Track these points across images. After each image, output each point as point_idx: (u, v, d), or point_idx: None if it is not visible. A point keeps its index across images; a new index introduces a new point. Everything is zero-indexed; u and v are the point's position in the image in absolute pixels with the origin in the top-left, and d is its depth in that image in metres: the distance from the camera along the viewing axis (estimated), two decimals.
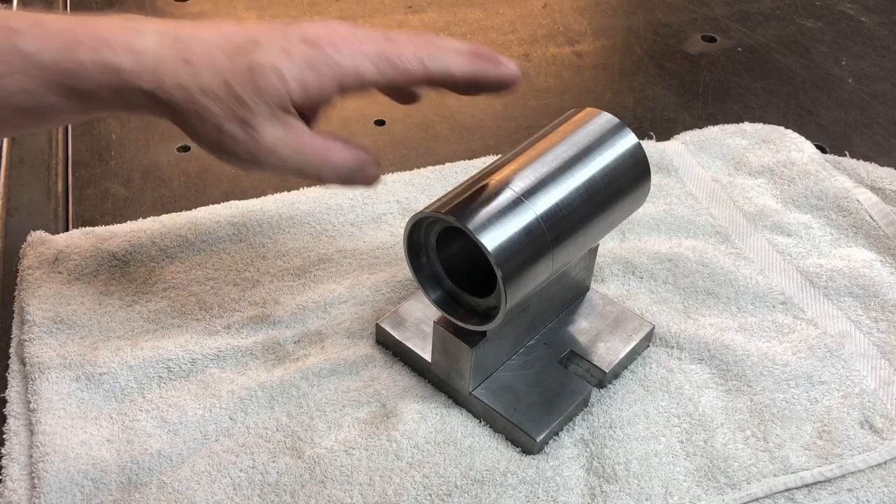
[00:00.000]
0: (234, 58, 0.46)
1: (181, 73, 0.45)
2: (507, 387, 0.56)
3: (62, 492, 0.50)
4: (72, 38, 0.45)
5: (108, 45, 0.45)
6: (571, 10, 1.00)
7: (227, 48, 0.46)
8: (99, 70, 0.45)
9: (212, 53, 0.46)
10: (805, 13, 1.01)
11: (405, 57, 0.47)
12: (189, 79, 0.45)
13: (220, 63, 0.46)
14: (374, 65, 0.47)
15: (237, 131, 0.46)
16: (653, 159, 0.72)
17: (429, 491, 0.51)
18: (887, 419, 0.57)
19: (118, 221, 0.67)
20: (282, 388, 0.56)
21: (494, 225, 0.47)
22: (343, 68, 0.47)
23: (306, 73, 0.46)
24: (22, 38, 0.44)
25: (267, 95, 0.46)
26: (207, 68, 0.45)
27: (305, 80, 0.46)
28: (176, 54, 0.46)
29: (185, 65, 0.45)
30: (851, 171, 0.75)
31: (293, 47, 0.46)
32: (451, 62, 0.48)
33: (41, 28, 0.45)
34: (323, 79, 0.46)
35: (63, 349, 0.57)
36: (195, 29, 0.47)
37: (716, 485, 0.53)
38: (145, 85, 0.45)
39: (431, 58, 0.48)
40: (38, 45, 0.44)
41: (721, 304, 0.64)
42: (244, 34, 0.47)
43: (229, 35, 0.47)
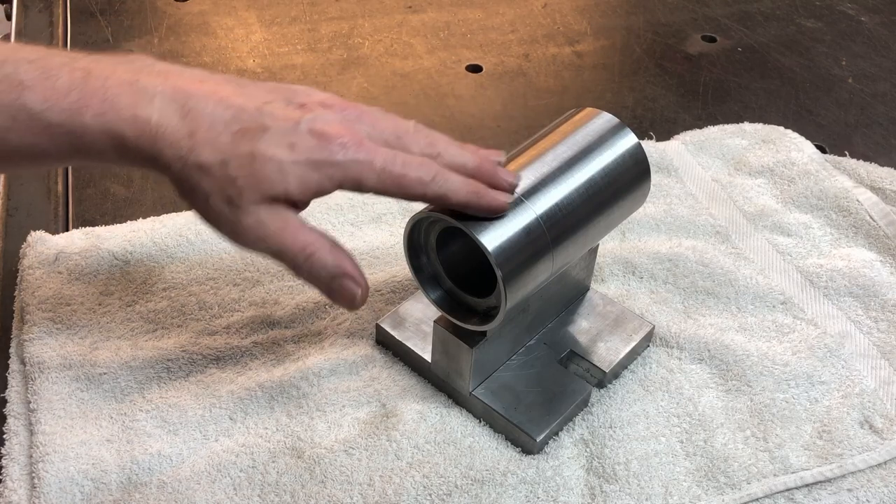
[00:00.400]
0: (238, 141, 0.46)
1: (182, 145, 0.45)
2: (507, 387, 0.56)
3: (62, 492, 0.50)
4: (78, 100, 0.45)
5: (114, 109, 0.45)
6: (571, 10, 1.00)
7: (234, 129, 0.46)
8: (104, 136, 0.45)
9: (217, 131, 0.46)
10: (805, 13, 1.01)
11: (409, 175, 0.47)
12: (187, 153, 0.45)
13: (223, 143, 0.46)
14: (378, 178, 0.47)
15: (222, 208, 0.46)
16: (653, 159, 0.72)
17: (429, 491, 0.51)
18: (887, 419, 0.57)
19: (118, 221, 0.67)
20: (282, 388, 0.56)
21: (494, 225, 0.47)
22: (346, 174, 0.46)
23: (307, 172, 0.46)
24: (29, 95, 0.45)
25: (262, 183, 0.45)
26: (209, 146, 0.45)
27: (305, 179, 0.46)
28: (180, 126, 0.46)
29: (187, 138, 0.45)
30: (851, 171, 0.75)
31: (300, 140, 0.46)
32: (450, 189, 0.47)
33: (49, 83, 0.45)
34: (323, 180, 0.46)
35: (63, 349, 0.57)
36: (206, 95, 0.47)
37: (716, 485, 0.53)
38: (146, 153, 0.46)
39: (433, 180, 0.47)
40: (44, 104, 0.45)
41: (721, 304, 0.64)
42: (254, 113, 0.47)
43: (238, 111, 0.47)
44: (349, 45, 0.92)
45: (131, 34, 0.91)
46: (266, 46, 0.90)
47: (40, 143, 0.46)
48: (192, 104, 0.46)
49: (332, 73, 0.87)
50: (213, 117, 0.46)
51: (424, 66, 0.89)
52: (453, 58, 0.91)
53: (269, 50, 0.90)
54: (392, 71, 0.88)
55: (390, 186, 0.47)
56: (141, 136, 0.45)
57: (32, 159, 0.48)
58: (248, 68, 0.87)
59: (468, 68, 0.89)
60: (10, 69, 0.45)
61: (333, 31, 0.94)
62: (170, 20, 0.93)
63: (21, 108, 0.45)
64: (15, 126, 0.45)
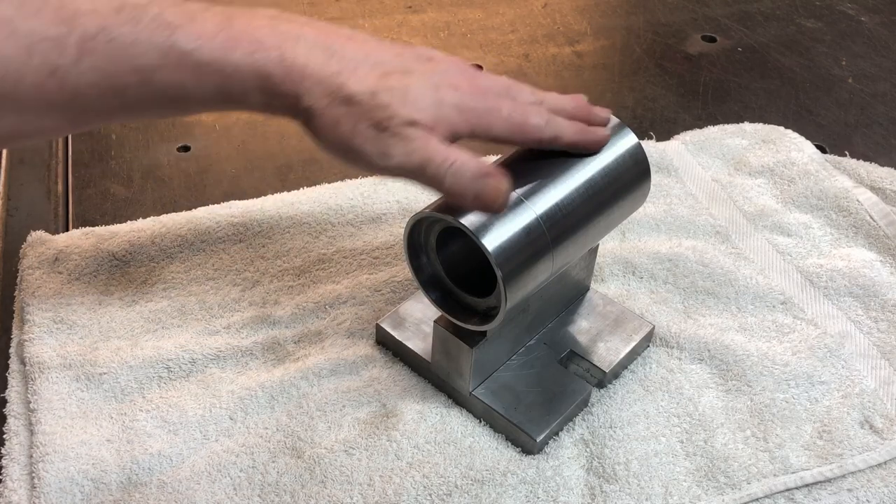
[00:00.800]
0: (385, 78, 0.48)
1: (331, 81, 0.47)
2: (507, 387, 0.56)
3: (62, 492, 0.50)
4: (228, 38, 0.46)
5: (262, 49, 0.46)
6: (571, 10, 1.00)
7: (380, 71, 0.48)
8: (252, 73, 0.46)
9: (364, 71, 0.47)
10: (805, 13, 1.01)
11: (531, 120, 0.50)
12: (337, 88, 0.47)
13: (371, 79, 0.47)
14: (506, 124, 0.50)
15: (370, 132, 0.47)
16: (653, 159, 0.72)
17: (429, 491, 0.51)
18: (887, 419, 0.57)
19: (118, 221, 0.67)
20: (282, 388, 0.56)
21: (494, 225, 0.47)
22: (480, 119, 0.49)
23: (450, 111, 0.48)
24: (180, 34, 0.45)
25: (412, 109, 0.47)
26: (358, 81, 0.47)
27: (447, 116, 0.48)
28: (327, 64, 0.47)
29: (335, 75, 0.47)
30: (851, 171, 0.75)
31: (443, 87, 0.48)
32: (561, 131, 0.51)
33: (197, 24, 0.46)
34: (461, 122, 0.48)
35: (63, 349, 0.57)
36: (345, 44, 0.49)
37: (716, 485, 0.53)
38: (291, 90, 0.47)
39: (549, 127, 0.51)
40: (195, 43, 0.46)
41: (721, 304, 0.64)
42: (395, 59, 0.49)
43: (382, 59, 0.49)
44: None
45: None
46: None
47: (187, 83, 0.46)
48: (335, 47, 0.48)
49: None
50: (356, 60, 0.48)
51: None
52: None
53: None
54: None
55: (515, 133, 0.50)
56: (289, 74, 0.46)
57: (177, 101, 0.48)
58: None
59: None
60: (157, 10, 0.46)
61: None
62: None
63: (172, 46, 0.45)
64: (165, 64, 0.45)
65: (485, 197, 0.48)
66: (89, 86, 0.45)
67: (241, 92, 0.47)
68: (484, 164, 0.48)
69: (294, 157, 0.76)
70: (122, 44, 0.45)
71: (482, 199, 0.48)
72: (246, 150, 0.77)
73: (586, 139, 0.52)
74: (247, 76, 0.46)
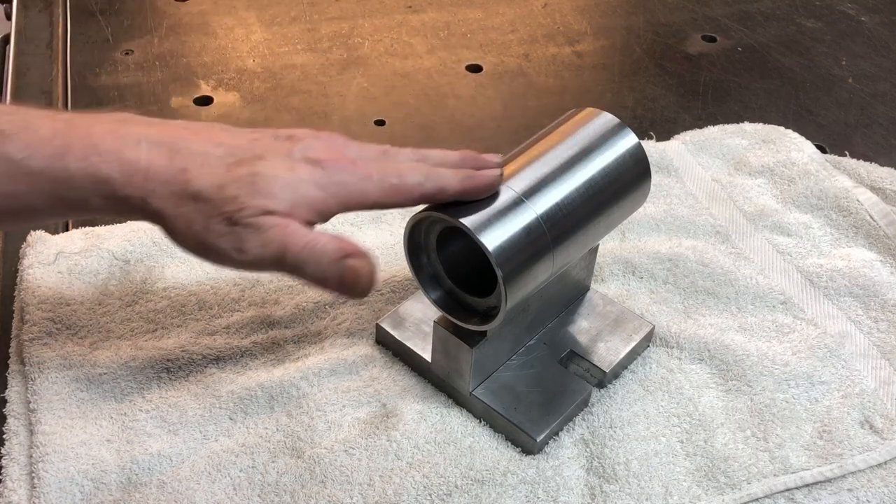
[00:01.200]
0: (235, 169, 0.46)
1: (174, 182, 0.45)
2: (507, 387, 0.56)
3: (62, 492, 0.50)
4: (62, 146, 0.45)
5: (98, 153, 0.45)
6: (571, 10, 1.00)
7: (229, 161, 0.46)
8: (88, 180, 0.45)
9: (211, 165, 0.46)
10: (805, 13, 1.01)
11: (406, 180, 0.48)
12: (182, 188, 0.45)
13: (219, 173, 0.45)
14: (379, 188, 0.47)
15: (221, 228, 0.45)
16: (653, 159, 0.72)
17: (429, 491, 0.51)
18: (887, 419, 0.57)
19: (118, 221, 0.67)
20: (282, 388, 0.56)
21: (494, 225, 0.47)
22: (349, 190, 0.47)
23: (312, 190, 0.46)
24: (10, 143, 0.44)
25: (265, 198, 0.45)
26: (205, 177, 0.45)
27: (306, 198, 0.46)
28: (171, 164, 0.45)
29: (180, 174, 0.45)
30: (851, 171, 0.75)
31: (298, 166, 0.46)
32: (444, 182, 0.48)
33: (31, 132, 0.45)
34: (326, 199, 0.46)
35: (63, 349, 0.57)
36: (191, 138, 0.47)
37: (716, 485, 0.53)
38: (134, 194, 0.45)
39: (430, 181, 0.48)
40: (26, 151, 0.44)
41: (721, 304, 0.64)
42: (246, 146, 0.47)
43: (231, 149, 0.47)
44: (349, 45, 0.92)
45: (131, 34, 0.91)
46: (266, 46, 0.90)
47: (20, 192, 0.45)
48: (180, 145, 0.46)
49: (332, 73, 0.87)
50: (204, 154, 0.46)
51: (424, 66, 0.89)
52: (453, 58, 0.91)
53: (269, 50, 0.90)
54: (392, 71, 0.88)
55: (391, 195, 0.48)
56: (130, 177, 0.45)
57: (15, 213, 0.46)
58: (248, 68, 0.87)
59: (468, 68, 0.89)
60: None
61: (333, 31, 0.94)
62: (170, 20, 0.93)
63: (2, 156, 0.44)
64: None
65: (346, 280, 0.47)
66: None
67: (80, 198, 0.45)
68: (346, 244, 0.47)
69: None
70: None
71: (345, 282, 0.47)
72: None
73: (475, 184, 0.49)
74: (83, 182, 0.45)
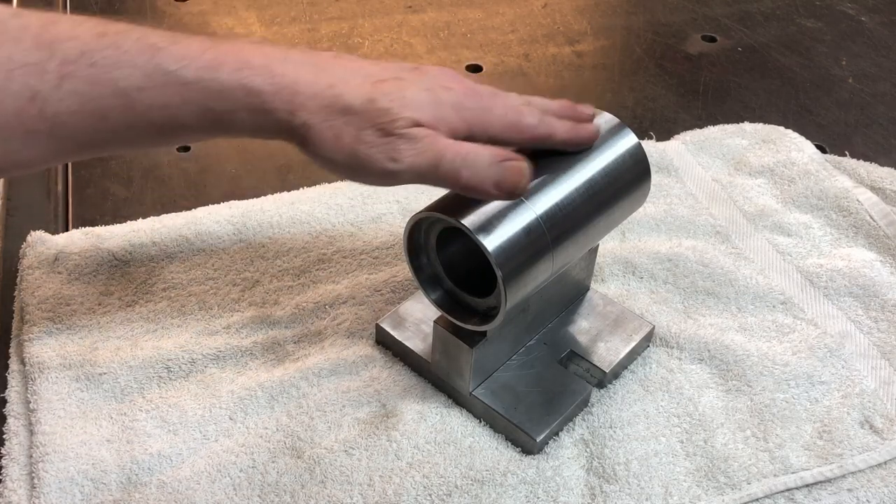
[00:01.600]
0: (380, 85, 0.47)
1: (324, 97, 0.46)
2: (507, 387, 0.56)
3: (62, 492, 0.50)
4: (214, 58, 0.45)
5: (249, 66, 0.45)
6: (571, 10, 1.00)
7: (371, 78, 0.47)
8: (240, 91, 0.45)
9: (356, 83, 0.47)
10: (805, 13, 1.01)
11: (524, 119, 0.50)
12: (330, 101, 0.46)
13: (365, 88, 0.47)
14: (500, 122, 0.49)
15: (373, 138, 0.46)
16: (653, 159, 0.72)
17: (429, 491, 0.51)
18: (887, 419, 0.57)
19: (118, 221, 0.67)
20: (282, 388, 0.56)
21: (494, 225, 0.47)
22: (477, 117, 0.48)
23: (448, 111, 0.47)
24: (164, 55, 0.45)
25: (412, 110, 0.46)
26: (352, 92, 0.46)
27: (446, 117, 0.47)
28: (318, 78, 0.46)
29: (327, 88, 0.46)
30: (851, 171, 0.75)
31: (436, 89, 0.48)
32: (553, 129, 0.51)
33: (182, 45, 0.45)
34: (459, 122, 0.48)
35: (63, 349, 0.57)
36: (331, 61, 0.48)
37: (716, 485, 0.53)
38: (282, 107, 0.46)
39: (542, 125, 0.50)
40: (180, 63, 0.45)
41: (721, 304, 0.64)
42: (387, 73, 0.48)
43: (371, 72, 0.48)
44: (349, 45, 0.92)
45: None
46: None
47: (172, 105, 0.45)
48: (323, 65, 0.47)
49: None
50: (346, 74, 0.47)
51: None
52: (453, 58, 0.91)
53: None
54: None
55: (508, 131, 0.49)
56: (279, 90, 0.45)
57: (160, 128, 0.47)
58: None
59: (468, 68, 0.89)
60: (140, 33, 0.45)
61: (333, 31, 0.94)
62: (170, 20, 0.93)
63: (156, 67, 0.44)
64: (149, 85, 0.44)
65: (506, 182, 0.47)
66: (71, 112, 0.44)
67: (228, 111, 0.46)
68: (499, 150, 0.47)
69: (294, 157, 0.76)
70: (104, 66, 0.44)
71: (504, 185, 0.47)
72: (246, 151, 0.77)
73: (579, 136, 0.52)
74: (234, 94, 0.45)
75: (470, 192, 0.47)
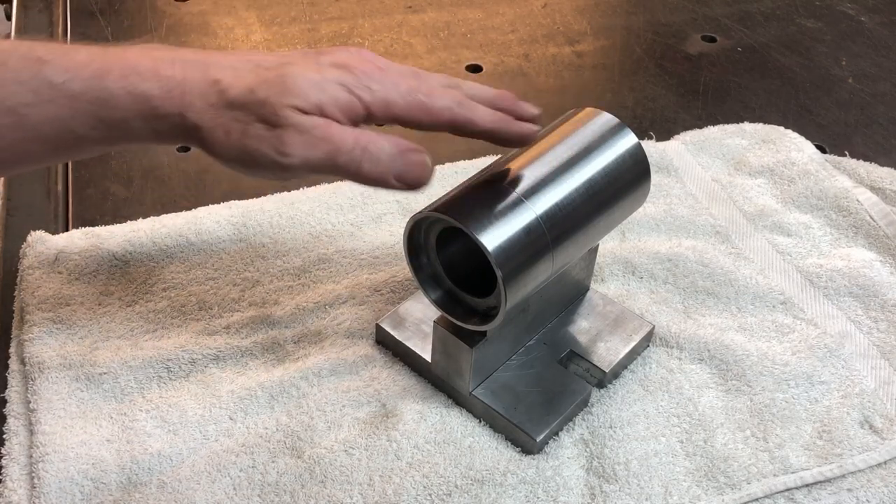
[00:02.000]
0: (263, 73, 0.46)
1: (209, 94, 0.45)
2: (507, 387, 0.56)
3: (62, 492, 0.50)
4: (100, 67, 0.45)
5: (136, 72, 0.45)
6: (571, 10, 1.00)
7: (257, 69, 0.46)
8: (128, 98, 0.45)
9: (241, 74, 0.46)
10: (805, 13, 1.01)
11: (435, 100, 0.47)
12: (216, 97, 0.45)
13: (249, 79, 0.46)
14: (404, 100, 0.47)
15: (261, 132, 0.45)
16: (653, 159, 0.72)
17: (429, 491, 0.51)
18: (887, 419, 0.57)
19: (118, 221, 0.67)
20: (282, 388, 0.56)
21: (494, 225, 0.47)
22: (373, 94, 0.46)
23: (338, 90, 0.46)
24: (49, 68, 0.44)
25: (295, 97, 0.45)
26: (236, 86, 0.45)
27: (336, 95, 0.45)
28: (204, 76, 0.46)
29: (213, 84, 0.45)
30: (851, 171, 0.75)
31: (325, 69, 0.46)
32: (476, 115, 0.48)
33: (68, 58, 0.45)
34: (353, 100, 0.46)
35: (63, 349, 0.57)
36: (223, 57, 0.47)
37: (716, 485, 0.53)
38: (173, 109, 0.45)
39: (459, 105, 0.47)
40: (66, 75, 0.44)
41: (721, 304, 0.64)
42: (274, 58, 0.47)
43: (258, 60, 0.47)
44: (349, 45, 0.92)
45: (131, 34, 0.91)
46: (266, 46, 0.90)
47: (63, 116, 0.45)
48: (211, 61, 0.46)
49: None
50: (234, 68, 0.46)
51: (424, 66, 0.89)
52: (453, 58, 0.91)
53: (269, 50, 0.90)
54: None
55: (416, 111, 0.47)
56: (169, 92, 0.45)
57: (57, 139, 0.46)
58: None
59: (468, 68, 0.89)
60: (26, 49, 0.45)
61: (333, 31, 0.94)
62: (170, 20, 0.93)
63: (42, 81, 0.44)
64: (37, 101, 0.44)
65: (408, 176, 0.46)
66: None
67: (121, 119, 0.45)
68: (400, 140, 0.46)
69: None
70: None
71: (405, 178, 0.46)
72: None
73: (508, 129, 0.48)
74: (124, 102, 0.45)
75: (370, 184, 0.46)
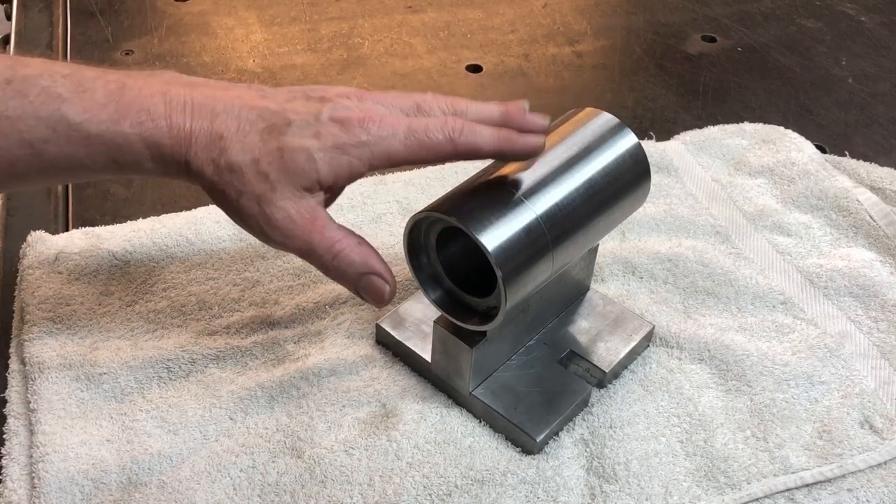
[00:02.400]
0: (266, 137, 0.47)
1: (213, 149, 0.47)
2: (507, 387, 0.56)
3: (62, 492, 0.50)
4: (116, 109, 0.47)
5: (150, 118, 0.47)
6: (571, 10, 1.00)
7: (260, 127, 0.48)
8: (141, 143, 0.47)
9: (245, 132, 0.48)
10: (805, 13, 1.01)
11: (434, 135, 0.48)
12: (218, 155, 0.47)
13: (252, 142, 0.47)
14: (404, 145, 0.48)
15: (253, 206, 0.47)
16: (653, 159, 0.72)
17: (429, 491, 0.51)
18: (887, 419, 0.57)
19: (118, 221, 0.67)
20: (282, 388, 0.56)
21: (494, 225, 0.47)
22: (373, 150, 0.48)
23: (336, 156, 0.47)
24: (68, 107, 0.46)
25: (293, 175, 0.47)
26: (239, 146, 0.47)
27: (334, 164, 0.47)
28: (210, 128, 0.47)
29: (217, 140, 0.47)
30: (851, 171, 0.75)
31: (323, 129, 0.48)
32: (479, 138, 0.48)
33: (87, 96, 0.46)
34: (353, 161, 0.48)
35: (63, 349, 0.57)
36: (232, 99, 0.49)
37: (716, 485, 0.53)
38: (180, 158, 0.47)
39: (460, 133, 0.48)
40: (84, 115, 0.46)
41: (721, 304, 0.64)
42: (277, 111, 0.48)
43: (262, 111, 0.48)
44: (349, 45, 0.92)
45: (131, 34, 0.91)
46: (266, 46, 0.90)
47: (78, 154, 0.47)
48: (219, 108, 0.48)
49: (332, 73, 0.87)
50: (239, 119, 0.48)
51: (424, 66, 0.89)
52: (453, 58, 0.91)
53: (269, 50, 0.90)
54: (392, 71, 0.88)
55: (419, 151, 0.48)
56: (177, 142, 0.47)
57: (70, 171, 0.48)
58: (247, 68, 0.87)
59: (468, 68, 0.89)
60: (47, 82, 0.46)
61: (333, 31, 0.94)
62: (170, 20, 0.93)
63: (60, 119, 0.46)
64: (54, 137, 0.46)
65: (366, 295, 0.49)
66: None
67: (133, 161, 0.47)
68: (370, 259, 0.49)
69: None
70: (10, 118, 0.45)
71: (364, 295, 0.49)
72: None
73: (513, 148, 0.49)
74: (137, 146, 0.47)
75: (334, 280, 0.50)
